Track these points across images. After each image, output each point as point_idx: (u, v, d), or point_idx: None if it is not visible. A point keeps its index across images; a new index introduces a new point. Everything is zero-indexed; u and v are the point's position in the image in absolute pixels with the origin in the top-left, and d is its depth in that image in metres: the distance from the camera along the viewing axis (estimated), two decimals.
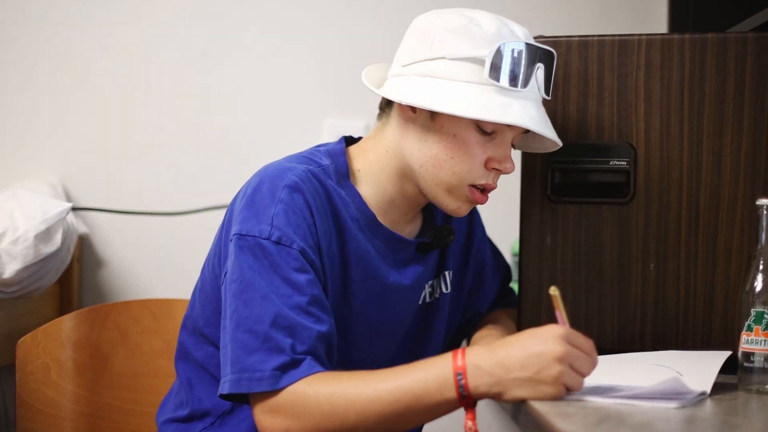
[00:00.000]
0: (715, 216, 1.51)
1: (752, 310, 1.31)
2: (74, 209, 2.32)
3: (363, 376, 1.32)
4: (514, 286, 1.94)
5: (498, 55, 1.40)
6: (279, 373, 1.32)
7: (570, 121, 1.55)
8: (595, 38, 1.54)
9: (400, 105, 1.47)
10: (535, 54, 1.43)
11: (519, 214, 1.58)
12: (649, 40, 1.53)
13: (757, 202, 1.34)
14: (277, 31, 2.44)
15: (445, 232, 1.59)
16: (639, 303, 1.54)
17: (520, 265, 1.58)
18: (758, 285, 1.31)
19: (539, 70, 1.44)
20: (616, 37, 1.54)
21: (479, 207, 1.73)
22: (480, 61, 1.42)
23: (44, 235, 1.88)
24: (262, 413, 1.33)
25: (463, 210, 1.50)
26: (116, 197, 2.42)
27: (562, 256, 1.56)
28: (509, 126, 1.44)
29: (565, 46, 1.55)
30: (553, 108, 1.55)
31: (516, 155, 1.62)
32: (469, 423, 1.29)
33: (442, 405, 1.27)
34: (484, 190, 1.49)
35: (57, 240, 1.92)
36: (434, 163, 1.46)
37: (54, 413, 1.83)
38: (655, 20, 2.43)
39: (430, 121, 1.46)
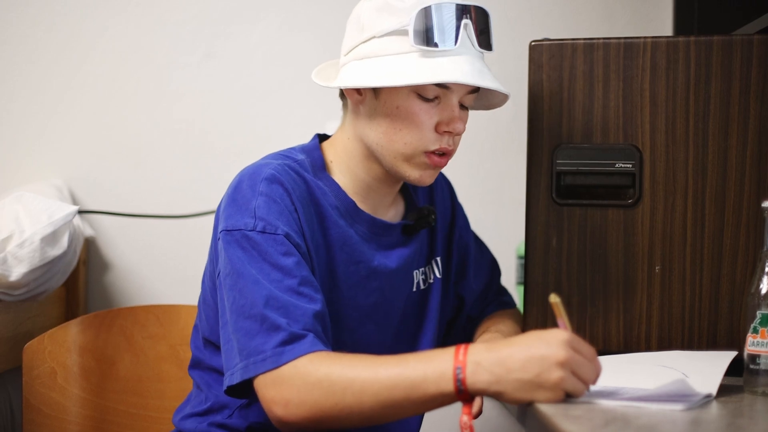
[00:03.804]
0: (720, 218, 1.51)
1: (758, 312, 1.31)
2: (80, 212, 2.33)
3: (365, 359, 1.33)
4: (520, 288, 1.94)
5: (418, 20, 1.44)
6: (280, 349, 1.34)
7: (575, 124, 1.55)
8: (601, 41, 1.55)
9: (347, 91, 1.53)
10: (459, 11, 1.46)
11: (524, 216, 1.58)
12: (655, 42, 1.53)
13: (763, 204, 1.34)
14: (281, 32, 2.45)
15: (426, 212, 1.63)
16: (644, 305, 1.54)
17: (526, 267, 1.59)
18: (764, 287, 1.31)
19: (467, 27, 1.46)
20: (622, 40, 1.54)
21: (482, 207, 1.73)
22: (404, 32, 1.46)
23: (50, 238, 1.88)
24: (264, 386, 1.35)
25: (425, 178, 1.53)
26: (122, 200, 2.42)
27: (568, 259, 1.56)
28: (449, 88, 1.47)
29: (571, 48, 1.55)
30: (558, 110, 1.55)
31: (521, 155, 1.62)
32: (465, 418, 1.29)
33: (438, 397, 1.28)
34: (443, 154, 1.51)
35: (63, 243, 1.92)
36: (386, 138, 1.50)
37: (60, 417, 1.83)
38: (660, 23, 2.43)
39: (374, 99, 1.50)
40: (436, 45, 1.44)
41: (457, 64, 1.44)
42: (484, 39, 1.49)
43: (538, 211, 1.57)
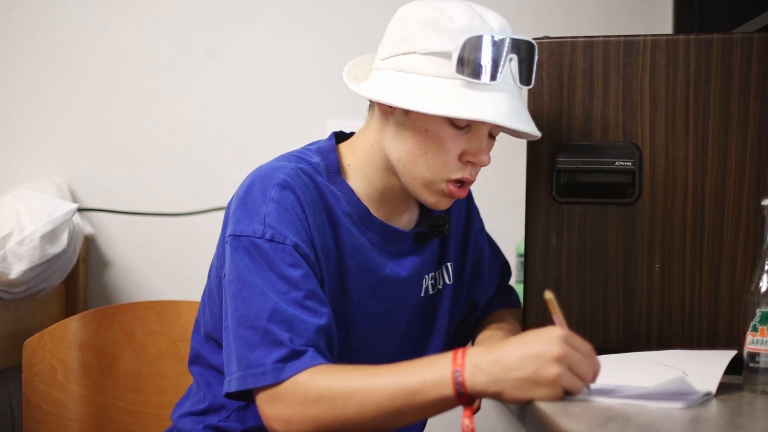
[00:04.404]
0: (720, 216, 1.51)
1: (758, 310, 1.31)
2: (80, 210, 2.33)
3: (364, 370, 1.32)
4: (519, 286, 1.94)
5: (465, 49, 1.40)
6: (281, 365, 1.33)
7: (575, 122, 1.55)
8: (601, 39, 1.55)
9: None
10: (507, 45, 1.41)
11: (524, 214, 1.58)
12: (655, 40, 1.53)
13: (763, 203, 1.34)
14: (282, 31, 2.45)
15: (440, 221, 1.60)
16: (644, 303, 1.54)
17: (526, 265, 1.59)
18: (763, 285, 1.31)
19: (512, 61, 1.42)
20: (622, 38, 1.54)
21: (481, 205, 1.73)
22: (448, 56, 1.41)
23: (50, 236, 1.89)
24: (265, 403, 1.35)
25: (442, 204, 1.50)
26: (122, 198, 2.42)
27: (567, 257, 1.56)
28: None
29: (571, 46, 1.55)
30: (558, 109, 1.55)
31: (521, 153, 1.62)
32: (466, 421, 1.29)
33: (439, 402, 1.27)
34: (463, 184, 1.49)
35: (63, 241, 1.92)
36: (410, 158, 1.47)
37: (60, 414, 1.83)
38: (660, 21, 2.43)
39: (404, 116, 1.46)
40: (478, 78, 1.40)
41: (495, 101, 1.40)
42: (526, 75, 1.45)
43: (538, 209, 1.57)
